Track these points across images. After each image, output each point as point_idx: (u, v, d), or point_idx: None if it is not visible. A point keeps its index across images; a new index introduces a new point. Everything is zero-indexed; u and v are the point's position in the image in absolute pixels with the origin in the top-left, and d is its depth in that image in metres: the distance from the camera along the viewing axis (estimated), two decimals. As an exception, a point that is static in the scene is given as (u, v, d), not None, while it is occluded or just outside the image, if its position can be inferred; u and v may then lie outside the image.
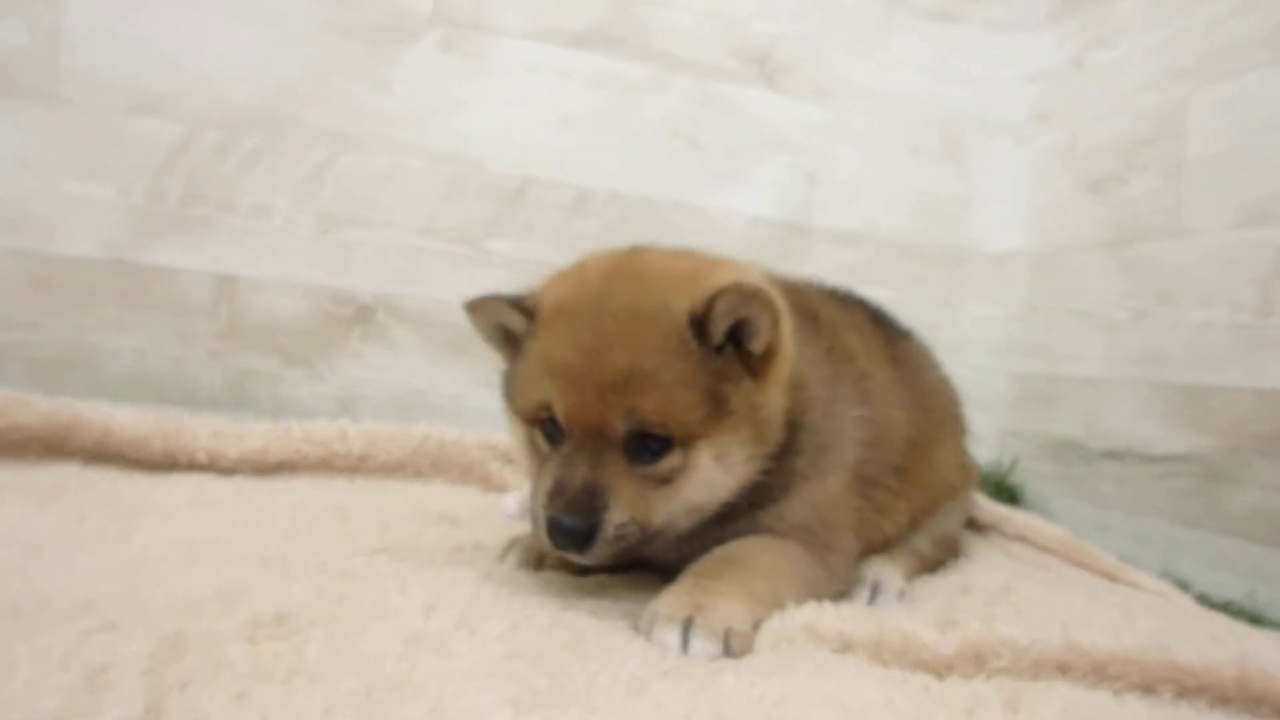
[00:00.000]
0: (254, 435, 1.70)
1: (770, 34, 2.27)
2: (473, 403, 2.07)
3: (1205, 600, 1.60)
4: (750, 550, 1.07)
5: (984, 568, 1.52)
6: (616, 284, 1.06)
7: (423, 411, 2.03)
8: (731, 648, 0.91)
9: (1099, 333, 2.11)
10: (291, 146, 1.96)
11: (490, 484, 1.82)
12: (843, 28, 2.34)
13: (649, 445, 0.98)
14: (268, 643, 0.77)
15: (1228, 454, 1.73)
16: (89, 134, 1.83)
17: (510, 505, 1.61)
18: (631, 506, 0.97)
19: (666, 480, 0.99)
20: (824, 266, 2.27)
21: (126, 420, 1.61)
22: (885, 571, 1.37)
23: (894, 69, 2.36)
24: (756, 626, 0.96)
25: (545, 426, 1.05)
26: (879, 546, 1.37)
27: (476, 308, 1.13)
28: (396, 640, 0.80)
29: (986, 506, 1.84)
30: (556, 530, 0.95)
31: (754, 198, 2.25)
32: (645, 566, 1.21)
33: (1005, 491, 2.32)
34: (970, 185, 2.43)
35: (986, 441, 2.42)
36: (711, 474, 1.01)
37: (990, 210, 2.43)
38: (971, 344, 2.43)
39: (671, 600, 0.95)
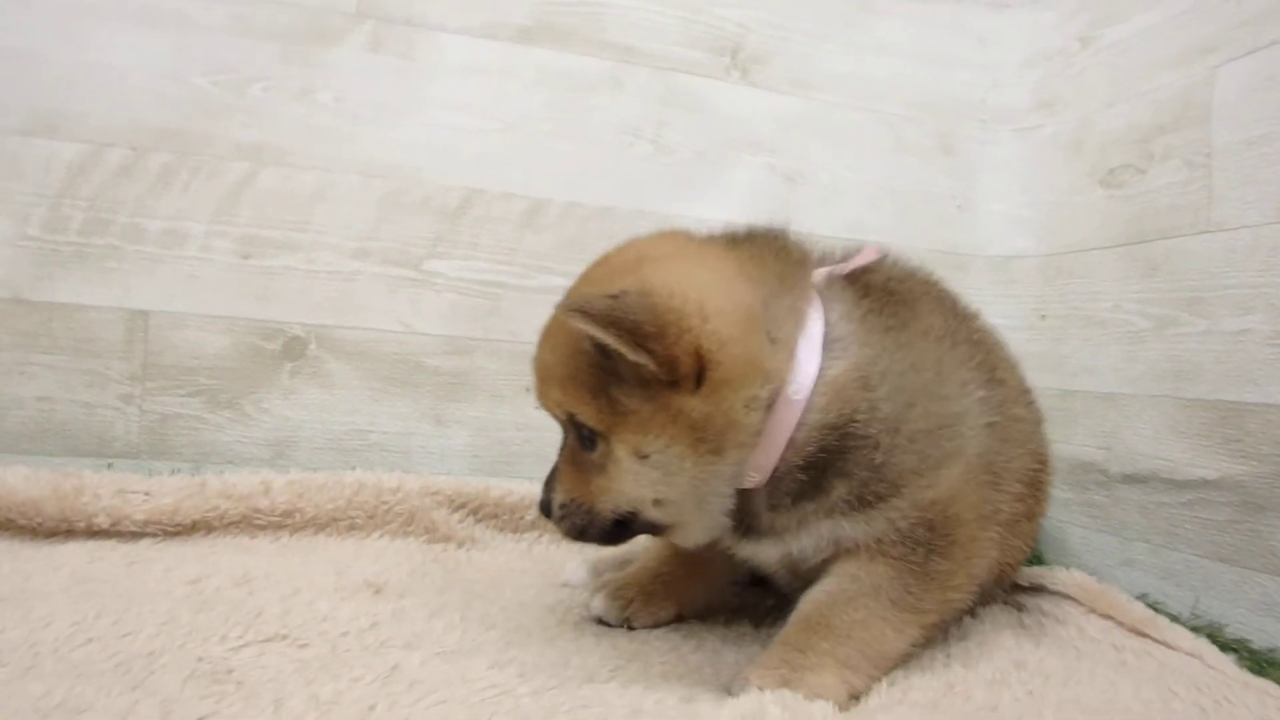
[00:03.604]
0: (164, 492, 1.60)
1: (739, 21, 2.15)
2: (421, 441, 1.96)
3: (1245, 646, 1.49)
4: (833, 608, 1.09)
5: (988, 627, 1.40)
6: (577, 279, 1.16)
7: (365, 454, 1.93)
8: None
9: (1117, 344, 1.98)
10: (206, 164, 1.85)
11: (436, 535, 1.73)
12: (817, 9, 2.20)
13: (585, 433, 1.07)
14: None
15: (1270, 481, 1.59)
16: (-22, 159, 1.73)
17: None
18: (571, 489, 1.10)
19: (601, 468, 1.06)
20: (808, 276, 2.15)
21: (16, 482, 1.52)
22: None
23: (876, 54, 2.24)
24: (855, 696, 1.03)
25: None
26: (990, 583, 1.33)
27: None
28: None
29: None
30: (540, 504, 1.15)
31: (727, 203, 2.13)
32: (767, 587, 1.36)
33: (1017, 518, 2.20)
34: (967, 182, 2.30)
35: (995, 463, 2.29)
36: (637, 468, 1.04)
37: (990, 209, 2.30)
38: (975, 355, 2.30)
39: (762, 671, 1.02)
